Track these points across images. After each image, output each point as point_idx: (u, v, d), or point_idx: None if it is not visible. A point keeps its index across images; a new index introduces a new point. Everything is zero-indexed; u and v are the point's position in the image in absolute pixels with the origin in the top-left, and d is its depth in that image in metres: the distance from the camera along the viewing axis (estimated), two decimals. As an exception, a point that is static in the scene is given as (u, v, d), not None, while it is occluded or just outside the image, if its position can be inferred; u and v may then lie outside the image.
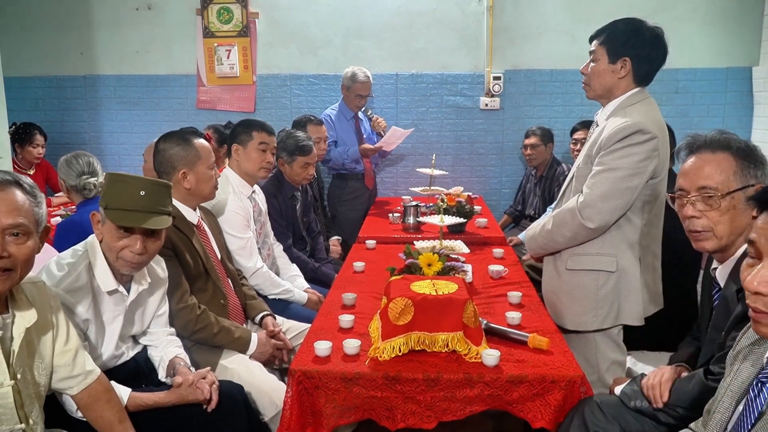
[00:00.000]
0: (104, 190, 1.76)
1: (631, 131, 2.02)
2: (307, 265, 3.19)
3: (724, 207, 1.58)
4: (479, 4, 4.61)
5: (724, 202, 1.57)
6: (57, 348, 1.57)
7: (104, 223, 1.75)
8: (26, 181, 1.43)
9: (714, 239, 1.60)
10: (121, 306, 1.84)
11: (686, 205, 1.64)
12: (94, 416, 1.65)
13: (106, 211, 1.72)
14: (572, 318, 2.21)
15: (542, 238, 2.25)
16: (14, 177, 1.41)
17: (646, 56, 2.10)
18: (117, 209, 1.70)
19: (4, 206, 1.35)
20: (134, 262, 1.75)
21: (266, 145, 2.76)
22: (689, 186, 1.62)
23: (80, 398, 1.64)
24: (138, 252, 1.73)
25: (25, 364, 1.47)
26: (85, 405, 1.65)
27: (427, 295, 1.77)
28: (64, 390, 1.62)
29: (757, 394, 1.12)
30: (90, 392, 1.64)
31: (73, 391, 1.62)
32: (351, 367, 1.70)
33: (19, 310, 1.45)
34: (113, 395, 1.68)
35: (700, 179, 1.60)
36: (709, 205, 1.59)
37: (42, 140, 4.37)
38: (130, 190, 1.72)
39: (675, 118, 4.24)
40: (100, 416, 1.65)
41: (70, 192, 2.80)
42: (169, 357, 1.94)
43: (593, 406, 1.63)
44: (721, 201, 1.58)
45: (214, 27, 4.73)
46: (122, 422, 1.67)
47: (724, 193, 1.57)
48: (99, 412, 1.65)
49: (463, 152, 4.81)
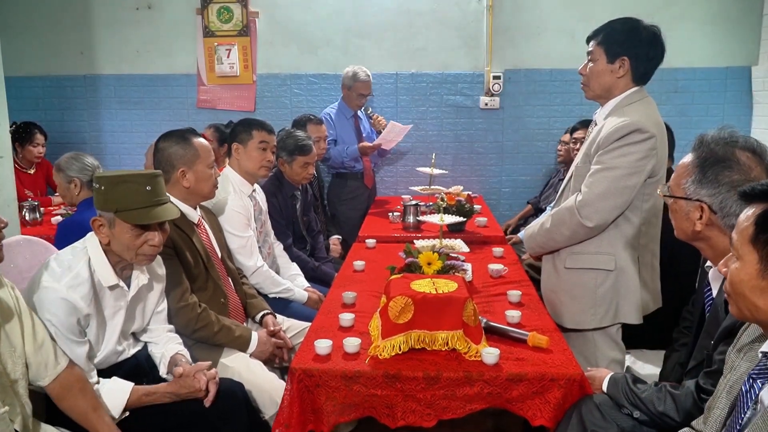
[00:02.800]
0: (106, 195, 1.75)
1: (629, 130, 2.03)
2: (307, 264, 3.20)
3: (671, 206, 1.62)
4: (479, 3, 4.62)
5: (670, 201, 1.61)
6: (27, 338, 1.58)
7: (114, 227, 1.76)
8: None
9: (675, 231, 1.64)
10: (122, 301, 1.85)
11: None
12: (68, 406, 1.66)
13: (117, 214, 1.74)
14: (571, 316, 2.22)
15: (541, 236, 2.26)
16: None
17: (644, 55, 2.11)
18: (130, 210, 1.74)
19: None
20: (154, 253, 1.83)
21: (266, 143, 2.76)
22: None
23: (52, 389, 1.65)
24: (158, 243, 1.80)
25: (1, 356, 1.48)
26: (58, 395, 1.66)
27: (427, 294, 1.78)
28: (37, 382, 1.63)
29: (748, 389, 1.14)
30: (61, 382, 1.65)
31: (45, 382, 1.63)
32: (351, 366, 1.70)
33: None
34: (86, 384, 1.69)
35: (674, 173, 1.64)
36: (666, 198, 1.64)
37: (42, 139, 4.37)
38: (136, 188, 1.75)
39: (674, 117, 4.24)
40: (75, 405, 1.66)
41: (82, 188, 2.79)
42: (170, 353, 1.95)
43: (591, 406, 1.64)
44: (669, 199, 1.62)
45: (214, 26, 4.74)
46: (96, 410, 1.68)
47: (670, 195, 1.60)
48: (72, 401, 1.66)
49: (463, 151, 4.81)
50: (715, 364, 1.44)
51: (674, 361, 1.92)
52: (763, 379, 1.11)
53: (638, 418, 1.60)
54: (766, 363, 1.12)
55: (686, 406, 1.52)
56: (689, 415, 1.48)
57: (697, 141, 1.60)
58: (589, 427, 1.59)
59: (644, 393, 1.60)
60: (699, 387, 1.50)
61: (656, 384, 1.64)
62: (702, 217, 1.52)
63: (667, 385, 1.61)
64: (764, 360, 1.12)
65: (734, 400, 1.18)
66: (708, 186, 1.51)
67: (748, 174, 1.48)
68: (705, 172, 1.52)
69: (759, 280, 1.08)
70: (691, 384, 1.54)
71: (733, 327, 1.35)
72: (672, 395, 1.56)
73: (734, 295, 1.14)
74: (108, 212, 1.75)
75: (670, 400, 1.55)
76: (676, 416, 1.53)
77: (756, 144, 1.53)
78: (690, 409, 1.50)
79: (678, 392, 1.56)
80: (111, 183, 1.75)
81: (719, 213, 1.48)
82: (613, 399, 1.66)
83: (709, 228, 1.51)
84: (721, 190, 1.49)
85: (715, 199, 1.49)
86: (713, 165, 1.51)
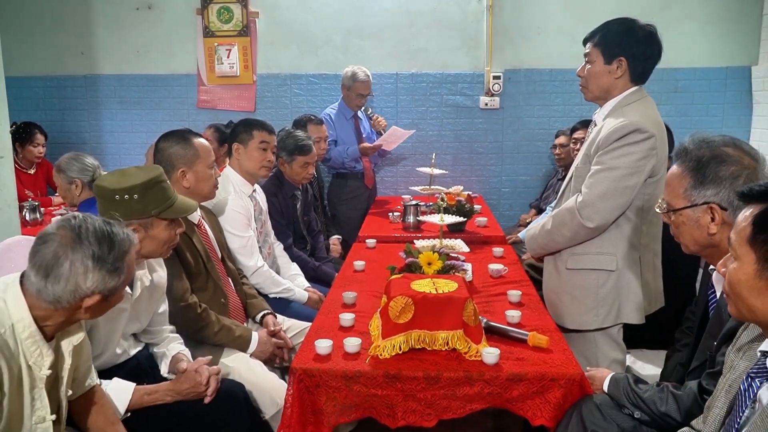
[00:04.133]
0: (142, 202, 1.73)
1: (629, 130, 2.03)
2: (307, 264, 3.20)
3: (676, 221, 1.59)
4: (479, 3, 4.62)
5: (673, 217, 1.59)
6: (84, 356, 1.60)
7: (151, 228, 1.78)
8: None
9: (684, 246, 1.62)
10: (126, 303, 1.85)
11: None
12: (86, 421, 1.65)
13: (162, 214, 1.78)
14: (573, 317, 2.22)
15: (542, 237, 2.26)
16: None
17: (641, 54, 2.11)
18: (169, 208, 1.80)
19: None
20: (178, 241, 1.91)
21: (267, 143, 2.77)
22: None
23: (78, 402, 1.64)
24: (182, 230, 1.90)
25: (68, 384, 1.49)
26: (80, 410, 1.64)
27: (428, 294, 1.78)
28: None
29: (747, 388, 1.14)
30: (87, 397, 1.65)
31: (73, 396, 1.61)
32: (351, 366, 1.70)
33: (66, 335, 1.46)
34: (106, 400, 1.68)
35: (664, 190, 1.62)
36: (667, 216, 1.61)
37: (42, 139, 4.37)
38: (164, 186, 1.82)
39: (674, 117, 4.24)
40: (94, 420, 1.65)
41: (83, 189, 2.79)
42: (171, 353, 1.95)
43: (591, 406, 1.64)
44: (671, 215, 1.59)
45: (215, 26, 4.74)
46: (114, 425, 1.67)
47: (672, 209, 1.58)
48: (93, 417, 1.65)
49: (463, 151, 4.81)
50: (718, 365, 1.43)
51: (676, 361, 1.92)
52: (761, 378, 1.12)
53: (639, 418, 1.60)
54: (765, 362, 1.12)
55: (688, 407, 1.51)
56: (691, 415, 1.48)
57: (680, 151, 1.59)
58: (590, 427, 1.59)
59: (646, 393, 1.60)
60: (702, 388, 1.50)
61: (658, 384, 1.64)
62: (714, 218, 1.49)
63: (669, 385, 1.61)
64: (763, 359, 1.13)
65: (733, 399, 1.18)
66: (710, 185, 1.50)
67: (741, 163, 1.49)
68: (703, 172, 1.50)
69: (757, 281, 1.08)
70: (694, 385, 1.54)
71: (736, 329, 1.34)
72: (674, 396, 1.56)
73: (732, 296, 1.14)
74: (145, 217, 1.76)
75: (672, 400, 1.55)
76: (677, 417, 1.53)
77: (730, 139, 1.54)
78: (692, 409, 1.50)
79: (680, 393, 1.55)
80: (144, 189, 1.74)
81: (729, 208, 1.46)
82: (614, 399, 1.66)
83: (723, 229, 1.48)
84: (724, 185, 1.48)
85: (722, 195, 1.48)
86: (708, 164, 1.50)
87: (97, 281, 1.35)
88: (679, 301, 2.26)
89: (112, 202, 1.73)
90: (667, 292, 2.29)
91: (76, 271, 1.33)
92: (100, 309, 1.44)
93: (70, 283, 1.33)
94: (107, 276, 1.37)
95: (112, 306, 1.49)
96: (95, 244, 1.35)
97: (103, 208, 1.75)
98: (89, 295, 1.36)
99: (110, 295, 1.41)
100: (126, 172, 1.80)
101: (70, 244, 1.33)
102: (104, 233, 1.37)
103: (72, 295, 1.34)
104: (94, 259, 1.34)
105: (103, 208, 1.75)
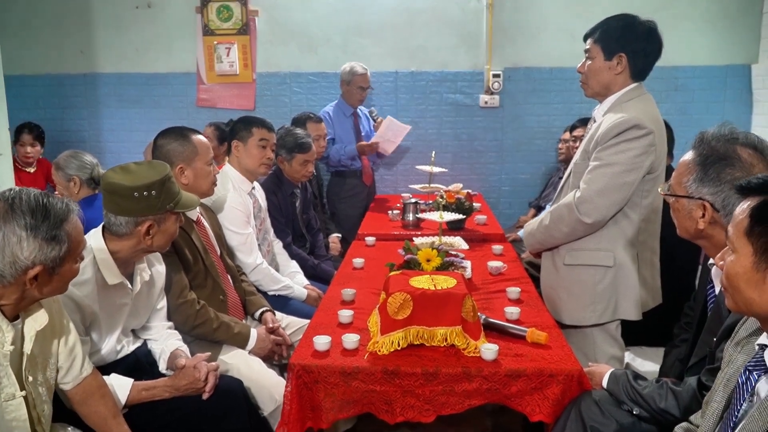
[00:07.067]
0: (160, 198, 1.77)
1: (627, 126, 2.03)
2: (306, 262, 3.20)
3: (673, 205, 1.59)
4: (479, 1, 4.61)
5: (671, 200, 1.59)
6: (61, 345, 1.58)
7: (163, 223, 1.81)
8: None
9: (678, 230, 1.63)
10: (126, 299, 1.85)
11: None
12: (88, 411, 1.65)
13: (176, 208, 1.82)
14: (570, 313, 2.22)
15: (540, 233, 2.26)
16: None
17: (641, 51, 2.11)
18: (180, 201, 1.85)
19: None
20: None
21: (266, 141, 2.76)
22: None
23: (74, 393, 1.64)
24: (182, 222, 1.95)
25: (37, 367, 1.48)
26: (79, 400, 1.65)
27: (426, 290, 1.78)
28: (60, 385, 1.62)
29: (745, 381, 1.14)
30: (84, 387, 1.64)
31: (68, 386, 1.63)
32: (350, 362, 1.70)
33: (29, 314, 1.45)
34: (107, 390, 1.69)
35: (674, 172, 1.62)
36: (668, 197, 1.62)
37: (30, 139, 4.23)
38: (174, 181, 1.86)
39: (674, 115, 4.23)
40: (95, 411, 1.65)
41: (82, 186, 2.79)
42: (170, 349, 1.95)
43: (590, 402, 1.64)
44: (670, 198, 1.59)
45: (214, 25, 4.74)
46: (116, 417, 1.67)
47: (672, 194, 1.58)
48: (93, 407, 1.65)
49: (463, 150, 4.81)
50: (717, 361, 1.43)
51: (674, 356, 1.92)
52: (759, 371, 1.12)
53: (638, 414, 1.60)
54: (763, 355, 1.12)
55: (687, 403, 1.51)
56: (690, 412, 1.48)
57: (698, 139, 1.58)
58: (588, 423, 1.59)
59: (645, 389, 1.60)
60: (701, 384, 1.50)
61: (657, 380, 1.64)
62: (704, 215, 1.50)
63: (668, 381, 1.61)
64: (760, 352, 1.13)
65: (731, 392, 1.18)
66: (710, 184, 1.49)
67: (750, 171, 1.46)
68: (707, 170, 1.50)
69: (754, 273, 1.08)
70: (693, 381, 1.54)
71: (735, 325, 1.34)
72: (673, 392, 1.56)
73: (730, 288, 1.14)
74: (161, 213, 1.78)
75: (672, 396, 1.55)
76: (677, 413, 1.53)
77: (757, 140, 1.51)
78: (691, 406, 1.50)
79: (679, 389, 1.55)
80: (160, 185, 1.77)
81: (722, 211, 1.46)
82: (613, 395, 1.66)
83: (712, 226, 1.49)
84: (723, 188, 1.47)
85: (718, 197, 1.47)
86: (715, 163, 1.49)
87: (34, 250, 1.34)
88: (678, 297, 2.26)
89: (131, 199, 1.74)
90: (666, 288, 2.29)
91: (10, 241, 1.32)
92: (52, 283, 1.42)
93: (7, 255, 1.32)
94: (44, 245, 1.35)
95: (66, 280, 1.47)
96: (28, 214, 1.33)
97: (115, 204, 1.75)
98: (30, 266, 1.34)
99: (55, 266, 1.39)
100: (129, 167, 1.81)
101: (2, 215, 1.33)
102: (39, 203, 1.36)
103: (12, 267, 1.33)
104: (27, 228, 1.33)
105: (115, 204, 1.75)
